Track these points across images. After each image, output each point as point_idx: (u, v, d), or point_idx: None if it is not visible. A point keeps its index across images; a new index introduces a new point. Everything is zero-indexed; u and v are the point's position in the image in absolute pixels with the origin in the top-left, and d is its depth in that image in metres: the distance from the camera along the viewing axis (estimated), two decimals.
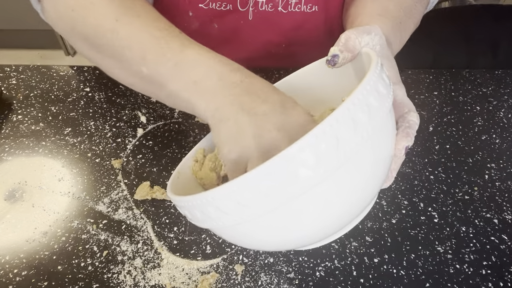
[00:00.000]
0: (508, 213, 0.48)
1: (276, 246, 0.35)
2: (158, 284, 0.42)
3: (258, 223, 0.30)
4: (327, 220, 0.31)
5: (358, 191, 0.31)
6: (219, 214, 0.29)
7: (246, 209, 0.28)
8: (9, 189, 0.50)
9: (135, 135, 0.56)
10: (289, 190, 0.27)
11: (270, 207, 0.28)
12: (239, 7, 0.62)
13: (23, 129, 0.56)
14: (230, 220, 0.29)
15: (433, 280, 0.42)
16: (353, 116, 0.28)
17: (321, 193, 0.28)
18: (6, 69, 0.65)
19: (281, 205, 0.28)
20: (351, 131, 0.28)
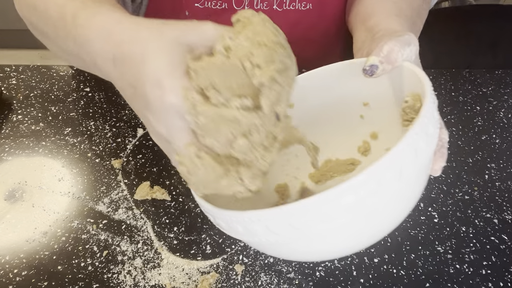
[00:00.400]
0: (508, 213, 0.48)
1: (315, 258, 0.37)
2: (158, 284, 0.42)
3: (305, 243, 0.31)
4: (368, 237, 0.34)
5: (398, 213, 0.33)
6: (266, 233, 0.30)
7: (297, 231, 0.29)
8: (9, 189, 0.50)
9: (135, 135, 0.56)
10: (343, 218, 0.28)
11: (323, 231, 0.29)
12: (235, 6, 0.62)
13: (23, 129, 0.56)
14: (278, 239, 0.30)
15: (433, 280, 0.42)
16: (400, 165, 0.28)
17: (370, 219, 0.31)
18: (6, 69, 0.65)
19: (335, 229, 0.29)
20: (394, 178, 0.28)
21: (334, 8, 0.66)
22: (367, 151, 0.45)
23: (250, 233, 0.31)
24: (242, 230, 0.31)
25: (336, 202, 0.28)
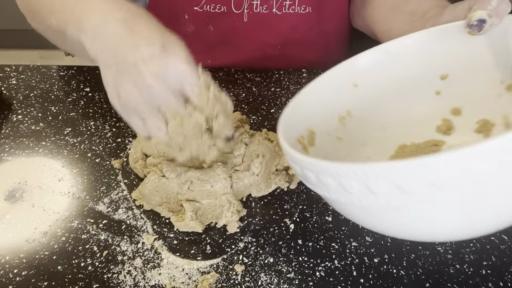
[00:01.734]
0: None
1: (404, 235, 0.34)
2: (158, 284, 0.42)
3: (402, 211, 0.28)
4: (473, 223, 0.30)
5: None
6: (364, 192, 0.26)
7: (404, 195, 0.25)
8: (9, 189, 0.50)
9: (135, 135, 0.56)
10: (461, 188, 0.25)
11: (431, 199, 0.25)
12: (234, 9, 0.62)
13: (23, 129, 0.56)
14: (378, 201, 0.26)
15: (433, 280, 0.42)
16: None
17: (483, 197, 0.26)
18: (6, 69, 0.65)
19: (452, 202, 0.26)
20: None
21: (333, 11, 0.66)
22: (450, 129, 0.41)
23: (344, 190, 0.27)
24: (335, 185, 0.28)
25: (471, 165, 0.23)
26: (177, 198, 0.46)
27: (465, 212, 0.28)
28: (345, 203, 0.29)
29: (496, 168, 0.24)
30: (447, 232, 0.31)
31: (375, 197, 0.26)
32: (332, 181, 0.28)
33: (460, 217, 0.28)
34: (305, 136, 0.41)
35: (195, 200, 0.46)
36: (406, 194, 0.25)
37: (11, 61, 0.73)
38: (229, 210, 0.45)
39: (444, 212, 0.27)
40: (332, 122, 0.44)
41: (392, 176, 0.25)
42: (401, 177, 0.25)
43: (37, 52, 1.97)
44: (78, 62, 0.57)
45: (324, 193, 0.30)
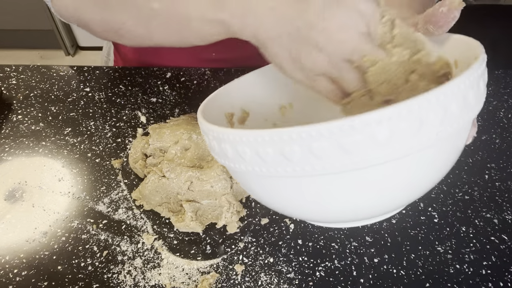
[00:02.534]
0: (508, 213, 0.48)
1: (311, 214, 0.33)
2: (158, 284, 0.42)
3: (314, 182, 0.28)
4: (377, 199, 0.30)
5: (419, 181, 0.30)
6: (279, 159, 0.27)
7: (318, 161, 0.26)
8: (9, 189, 0.50)
9: (135, 135, 0.56)
10: (356, 159, 0.26)
11: (333, 168, 0.26)
12: None
13: (23, 129, 0.56)
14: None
15: (433, 280, 0.42)
16: (446, 104, 0.26)
17: (380, 173, 0.27)
18: (6, 69, 0.65)
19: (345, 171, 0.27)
20: (438, 119, 0.26)
21: None
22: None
23: (259, 158, 0.27)
24: (250, 154, 0.28)
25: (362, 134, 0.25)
26: (177, 198, 0.46)
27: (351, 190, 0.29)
28: (260, 173, 0.29)
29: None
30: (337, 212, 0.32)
31: (289, 163, 0.27)
32: (248, 150, 0.28)
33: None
34: (237, 114, 0.43)
35: (195, 200, 0.46)
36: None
37: (11, 61, 0.73)
38: (228, 210, 0.45)
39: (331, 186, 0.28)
40: (272, 110, 0.46)
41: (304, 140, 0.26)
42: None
43: (37, 52, 1.97)
44: (78, 62, 0.57)
45: (240, 165, 0.30)
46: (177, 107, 0.59)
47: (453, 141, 0.30)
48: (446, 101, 0.26)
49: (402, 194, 0.31)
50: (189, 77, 0.64)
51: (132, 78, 0.64)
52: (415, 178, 0.30)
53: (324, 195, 0.29)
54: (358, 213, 0.32)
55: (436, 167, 0.30)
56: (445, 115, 0.26)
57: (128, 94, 0.61)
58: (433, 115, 0.25)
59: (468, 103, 0.27)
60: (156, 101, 0.60)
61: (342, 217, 0.33)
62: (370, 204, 0.30)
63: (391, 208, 0.33)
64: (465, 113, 0.27)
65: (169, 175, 0.46)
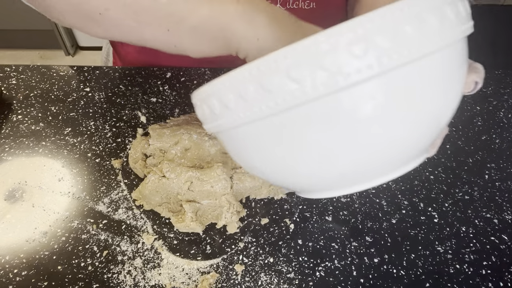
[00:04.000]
0: (508, 213, 0.48)
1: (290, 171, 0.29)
2: (158, 284, 0.42)
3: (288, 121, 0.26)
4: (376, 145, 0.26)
5: (415, 113, 0.26)
6: (261, 93, 0.25)
7: (297, 85, 0.24)
8: (9, 189, 0.50)
9: (135, 135, 0.56)
10: (328, 82, 0.24)
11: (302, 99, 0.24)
12: None
13: (23, 129, 0.56)
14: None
15: (433, 280, 0.42)
16: (423, 15, 0.24)
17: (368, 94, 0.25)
18: (6, 69, 0.65)
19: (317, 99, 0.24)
20: (416, 30, 0.24)
21: (337, 6, 0.66)
22: None
23: (234, 103, 0.26)
24: (234, 99, 0.26)
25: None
26: (177, 199, 0.46)
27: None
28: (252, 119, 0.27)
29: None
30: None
31: (270, 95, 0.25)
32: (232, 95, 0.26)
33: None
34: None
35: (195, 200, 0.46)
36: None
37: (11, 61, 0.73)
38: (228, 210, 0.45)
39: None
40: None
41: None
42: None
43: (37, 52, 1.97)
44: (78, 62, 0.57)
45: (227, 117, 0.28)
46: (177, 107, 0.59)
47: (437, 69, 0.26)
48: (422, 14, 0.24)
49: (392, 131, 0.27)
50: (189, 77, 0.64)
51: (132, 78, 0.64)
52: (397, 111, 0.26)
53: (311, 134, 0.26)
54: (352, 159, 0.27)
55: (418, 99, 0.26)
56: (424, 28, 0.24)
57: (128, 94, 0.61)
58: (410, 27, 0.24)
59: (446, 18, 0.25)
60: (156, 101, 0.60)
61: (336, 169, 0.28)
62: (361, 143, 0.26)
63: (391, 153, 0.28)
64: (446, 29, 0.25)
65: (169, 175, 0.46)
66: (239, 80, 0.26)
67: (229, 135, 0.30)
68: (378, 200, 0.49)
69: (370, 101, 0.25)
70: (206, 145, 0.49)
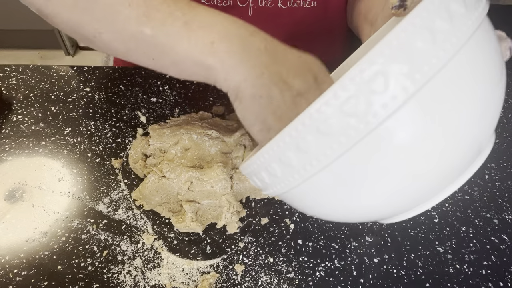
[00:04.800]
0: (508, 213, 0.48)
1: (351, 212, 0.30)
2: (158, 284, 0.42)
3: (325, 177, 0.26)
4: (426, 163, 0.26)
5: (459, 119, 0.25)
6: (300, 156, 0.26)
7: (331, 138, 0.25)
8: (9, 189, 0.50)
9: (135, 135, 0.56)
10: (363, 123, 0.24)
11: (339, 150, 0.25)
12: (239, 3, 0.62)
13: (23, 129, 0.56)
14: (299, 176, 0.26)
15: (433, 280, 0.42)
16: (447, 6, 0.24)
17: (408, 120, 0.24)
18: (6, 69, 0.65)
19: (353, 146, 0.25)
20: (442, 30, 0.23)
21: (337, 5, 0.66)
22: None
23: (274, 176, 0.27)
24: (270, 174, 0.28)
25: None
26: (177, 199, 0.46)
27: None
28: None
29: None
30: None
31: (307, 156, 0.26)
32: (275, 164, 0.27)
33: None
34: None
35: (195, 200, 0.46)
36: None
37: (11, 61, 0.73)
38: (228, 210, 0.45)
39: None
40: None
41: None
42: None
43: (37, 52, 1.97)
44: (78, 62, 0.57)
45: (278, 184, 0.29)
46: (177, 107, 0.59)
47: (473, 52, 0.26)
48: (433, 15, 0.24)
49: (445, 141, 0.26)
50: None
51: (132, 78, 0.64)
52: (447, 110, 0.25)
53: (359, 173, 0.26)
54: (409, 183, 0.27)
55: (471, 87, 0.26)
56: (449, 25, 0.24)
57: (128, 94, 0.61)
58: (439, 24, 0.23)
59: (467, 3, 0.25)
60: (156, 101, 0.60)
61: (393, 199, 0.28)
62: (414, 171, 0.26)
63: (452, 159, 0.27)
64: (465, 16, 0.24)
65: (169, 175, 0.46)
66: (276, 149, 0.26)
67: (289, 196, 0.31)
68: None
69: (410, 125, 0.25)
70: (206, 145, 0.48)
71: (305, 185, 0.28)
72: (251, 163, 0.29)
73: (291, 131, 0.26)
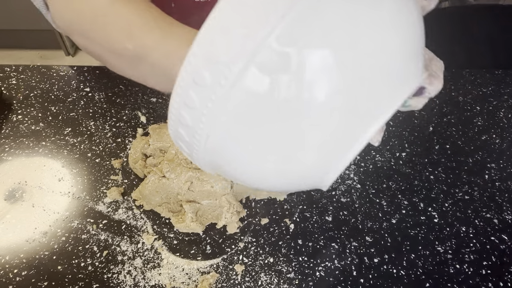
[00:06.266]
0: (508, 213, 0.48)
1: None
2: (158, 284, 0.42)
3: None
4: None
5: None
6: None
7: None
8: (9, 189, 0.50)
9: (135, 135, 0.56)
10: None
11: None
12: None
13: (23, 129, 0.56)
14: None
15: (433, 280, 0.42)
16: None
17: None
18: (6, 69, 0.65)
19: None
20: None
21: None
22: None
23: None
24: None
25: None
26: (177, 199, 0.46)
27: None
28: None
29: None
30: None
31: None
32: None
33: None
34: None
35: (195, 200, 0.46)
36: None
37: (11, 61, 0.73)
38: (228, 211, 0.45)
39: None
40: None
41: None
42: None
43: (37, 52, 1.97)
44: (78, 62, 0.57)
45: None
46: None
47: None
48: None
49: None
50: None
51: None
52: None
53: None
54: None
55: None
56: None
57: (128, 94, 0.61)
58: None
59: None
60: (156, 101, 0.60)
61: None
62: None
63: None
64: None
65: (169, 175, 0.46)
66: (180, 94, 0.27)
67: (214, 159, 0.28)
68: (378, 200, 0.49)
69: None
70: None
71: (213, 139, 0.25)
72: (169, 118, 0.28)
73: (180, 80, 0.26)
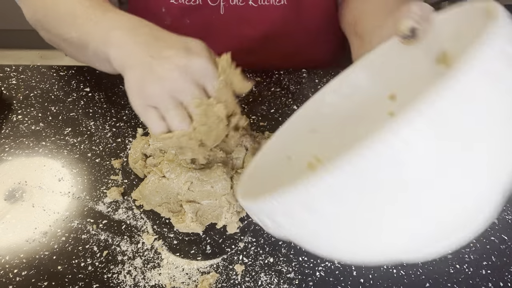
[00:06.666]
0: (508, 213, 0.48)
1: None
2: (158, 284, 0.42)
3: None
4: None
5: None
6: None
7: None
8: (9, 189, 0.50)
9: (135, 135, 0.56)
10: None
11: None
12: (209, 2, 0.63)
13: (23, 129, 0.56)
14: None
15: (433, 280, 0.42)
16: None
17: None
18: (6, 69, 0.65)
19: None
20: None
21: (313, 6, 0.66)
22: None
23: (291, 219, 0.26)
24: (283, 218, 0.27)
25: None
26: (177, 199, 0.46)
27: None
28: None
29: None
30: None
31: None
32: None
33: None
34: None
35: (195, 201, 0.46)
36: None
37: (11, 61, 0.73)
38: (228, 211, 0.45)
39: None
40: (301, 169, 0.43)
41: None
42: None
43: (37, 52, 1.97)
44: (78, 62, 0.57)
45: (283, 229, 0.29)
46: None
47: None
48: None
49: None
50: None
51: None
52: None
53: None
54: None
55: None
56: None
57: None
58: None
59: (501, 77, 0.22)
60: None
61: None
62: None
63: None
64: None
65: (169, 175, 0.46)
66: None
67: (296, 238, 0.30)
68: None
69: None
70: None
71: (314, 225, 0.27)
72: (255, 204, 0.28)
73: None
